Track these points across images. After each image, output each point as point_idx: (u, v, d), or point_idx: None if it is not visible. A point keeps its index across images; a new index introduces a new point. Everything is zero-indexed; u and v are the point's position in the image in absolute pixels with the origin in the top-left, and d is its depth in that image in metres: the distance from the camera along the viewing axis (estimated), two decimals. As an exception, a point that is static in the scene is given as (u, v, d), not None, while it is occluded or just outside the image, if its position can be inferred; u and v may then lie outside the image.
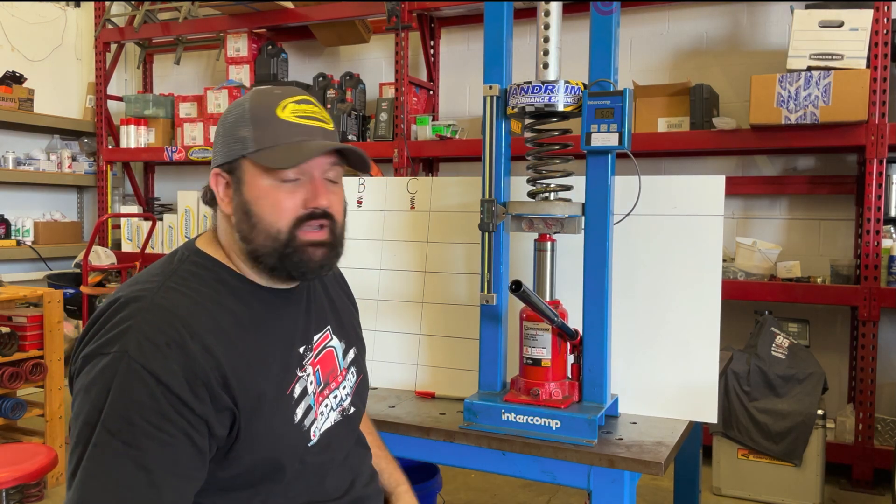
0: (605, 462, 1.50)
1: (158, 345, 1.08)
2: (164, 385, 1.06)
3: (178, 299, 1.14)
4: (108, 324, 1.11)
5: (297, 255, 1.20)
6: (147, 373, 1.06)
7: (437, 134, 4.39)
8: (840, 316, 3.92)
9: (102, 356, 1.08)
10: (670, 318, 1.77)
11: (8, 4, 5.26)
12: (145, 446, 1.04)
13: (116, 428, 1.04)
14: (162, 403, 1.06)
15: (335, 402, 1.33)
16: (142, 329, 1.08)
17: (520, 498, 3.37)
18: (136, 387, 1.05)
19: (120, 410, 1.04)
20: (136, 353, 1.06)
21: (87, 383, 1.08)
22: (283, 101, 1.21)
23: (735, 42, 4.12)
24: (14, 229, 5.14)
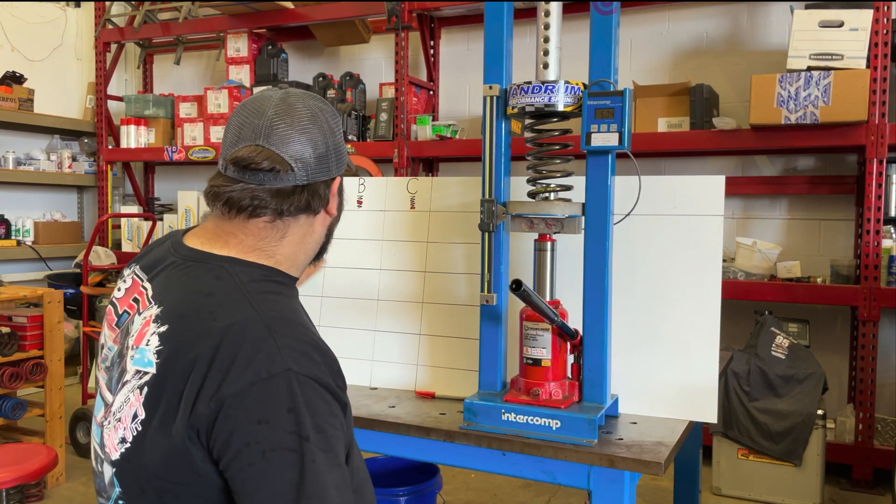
0: (605, 462, 1.50)
1: (305, 352, 1.10)
2: (324, 386, 1.10)
3: (280, 305, 1.16)
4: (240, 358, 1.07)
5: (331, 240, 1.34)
6: (313, 380, 1.08)
7: (437, 134, 4.39)
8: (840, 316, 3.92)
9: (262, 382, 1.05)
10: (670, 317, 1.77)
11: (8, 4, 5.26)
12: (335, 446, 1.09)
13: (316, 439, 1.06)
14: (331, 404, 1.10)
15: None
16: (285, 344, 1.09)
17: (520, 498, 3.37)
18: (312, 397, 1.07)
19: (312, 423, 1.06)
20: (297, 366, 1.07)
21: (259, 415, 1.05)
22: None
23: (735, 42, 4.12)
24: (14, 229, 5.14)
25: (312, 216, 1.25)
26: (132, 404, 1.12)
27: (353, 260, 2.12)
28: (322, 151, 1.21)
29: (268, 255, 1.23)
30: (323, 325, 2.12)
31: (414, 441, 1.70)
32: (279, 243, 1.23)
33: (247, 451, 1.03)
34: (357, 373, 2.06)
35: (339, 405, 1.13)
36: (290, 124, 1.19)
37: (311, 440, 1.04)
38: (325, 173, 1.23)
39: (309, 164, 1.20)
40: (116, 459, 1.14)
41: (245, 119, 1.20)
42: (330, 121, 1.24)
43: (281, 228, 1.23)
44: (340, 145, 1.26)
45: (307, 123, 1.20)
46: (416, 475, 2.52)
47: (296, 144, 1.19)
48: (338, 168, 1.25)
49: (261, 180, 1.17)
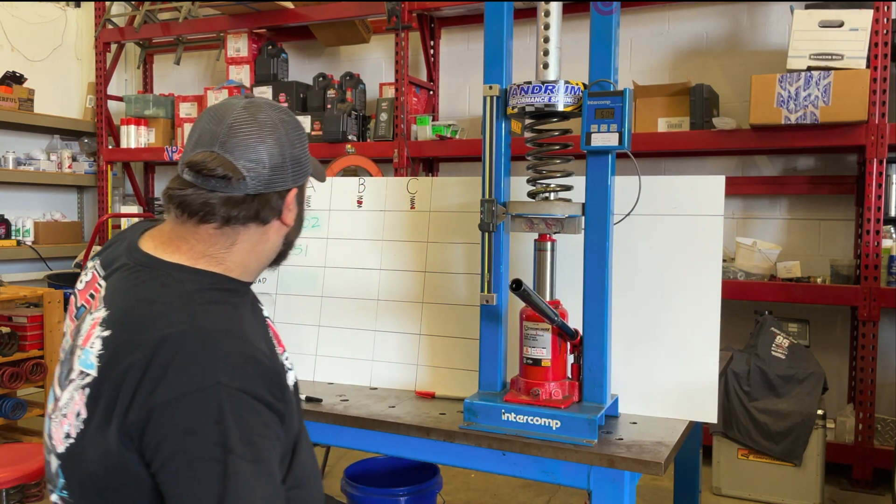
0: (605, 462, 1.50)
1: (239, 365, 1.12)
2: (257, 399, 1.12)
3: (220, 317, 1.17)
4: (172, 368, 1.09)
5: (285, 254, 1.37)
6: (244, 394, 1.10)
7: (437, 134, 4.39)
8: (840, 316, 3.92)
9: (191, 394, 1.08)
10: (670, 317, 1.77)
11: (8, 4, 5.26)
12: (266, 457, 1.12)
13: (243, 451, 1.08)
14: (262, 415, 1.12)
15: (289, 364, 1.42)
16: (219, 357, 1.11)
17: (520, 498, 3.37)
18: (241, 410, 1.09)
19: (240, 436, 1.08)
20: (228, 380, 1.09)
21: (187, 425, 1.07)
22: None
23: (735, 42, 4.12)
24: (14, 229, 5.14)
25: (262, 225, 1.26)
26: (76, 402, 1.16)
27: (353, 260, 2.12)
28: (277, 162, 1.23)
29: (217, 261, 1.25)
30: (323, 325, 2.12)
31: (414, 441, 1.70)
32: (229, 250, 1.25)
33: (173, 461, 1.07)
34: (357, 373, 2.06)
35: (276, 415, 1.15)
36: (248, 133, 1.21)
37: (236, 452, 1.07)
38: (279, 184, 1.24)
39: (262, 174, 1.22)
40: (62, 452, 1.19)
41: (206, 125, 1.23)
42: (290, 132, 1.26)
43: (230, 236, 1.24)
44: (301, 157, 1.28)
45: (265, 133, 1.23)
46: (416, 475, 2.52)
47: (251, 153, 1.21)
48: (295, 179, 1.27)
49: (213, 186, 1.20)
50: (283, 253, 1.36)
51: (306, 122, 4.70)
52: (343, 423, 1.77)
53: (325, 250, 2.16)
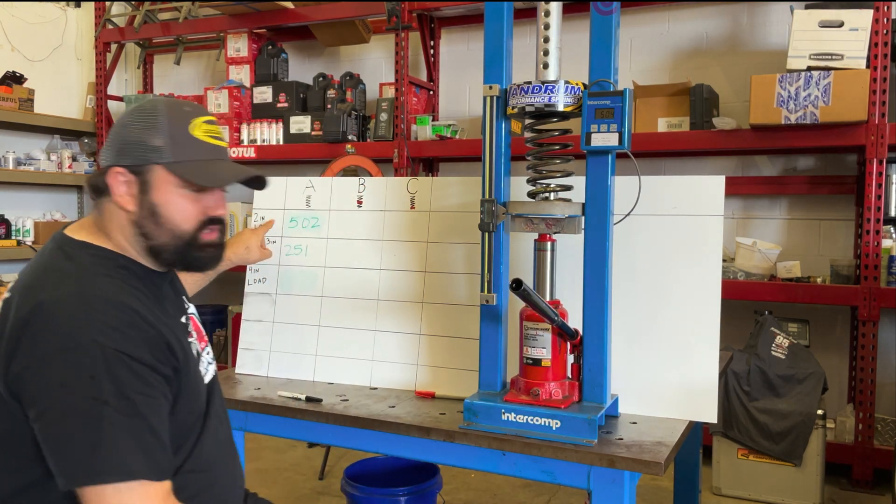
0: (605, 462, 1.50)
1: (118, 328, 1.23)
2: (137, 360, 1.22)
3: (107, 286, 1.29)
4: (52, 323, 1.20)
5: (196, 252, 1.41)
6: (121, 353, 1.21)
7: (437, 134, 4.39)
8: (840, 316, 3.92)
9: (67, 351, 1.18)
10: (670, 317, 1.77)
11: (8, 4, 5.26)
12: (146, 412, 1.21)
13: (118, 405, 1.18)
14: (141, 373, 1.22)
15: (209, 358, 1.54)
16: (97, 318, 1.22)
17: (520, 498, 3.37)
18: (117, 367, 1.20)
19: (114, 390, 1.18)
20: (105, 340, 1.20)
21: (62, 379, 1.18)
22: (194, 119, 1.39)
23: (735, 42, 4.12)
24: (14, 229, 5.14)
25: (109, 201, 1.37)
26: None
27: (353, 260, 2.12)
28: (107, 141, 1.38)
29: (107, 238, 1.39)
30: (323, 325, 2.12)
31: (414, 441, 1.70)
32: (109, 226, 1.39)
33: (49, 413, 1.18)
34: (357, 373, 2.06)
35: (163, 377, 1.27)
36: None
37: (110, 405, 1.17)
38: (105, 159, 1.38)
39: (108, 148, 1.38)
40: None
41: None
42: (130, 118, 1.37)
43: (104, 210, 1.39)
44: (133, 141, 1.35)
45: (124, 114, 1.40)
46: (416, 475, 2.52)
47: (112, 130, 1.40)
48: (117, 159, 1.36)
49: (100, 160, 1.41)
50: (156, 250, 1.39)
51: (306, 121, 4.71)
52: (343, 423, 1.77)
53: (325, 250, 2.16)
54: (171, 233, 1.37)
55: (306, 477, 3.61)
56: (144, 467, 1.18)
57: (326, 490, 3.46)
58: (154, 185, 1.35)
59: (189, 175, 1.36)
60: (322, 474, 3.60)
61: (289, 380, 2.11)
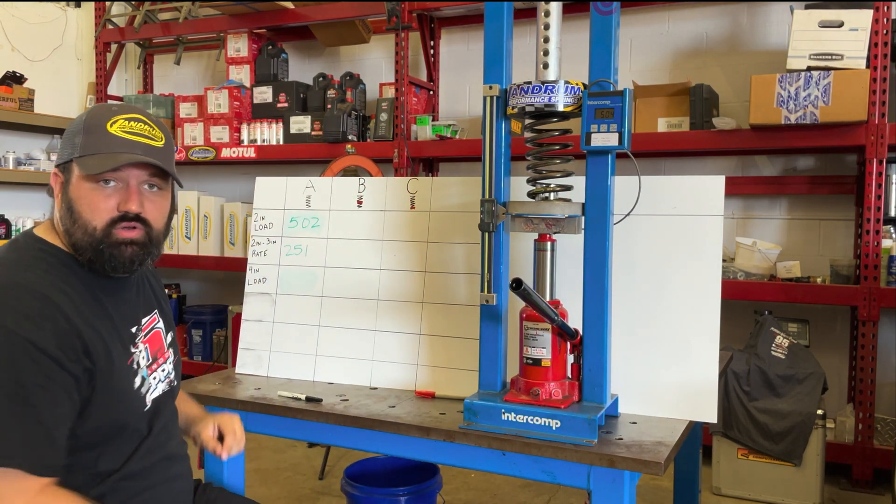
0: (605, 462, 1.50)
1: (31, 317, 1.26)
2: (42, 351, 1.24)
3: (34, 279, 1.32)
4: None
5: (109, 250, 1.39)
6: (27, 342, 1.23)
7: (437, 134, 4.39)
8: (840, 316, 3.92)
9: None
10: (670, 317, 1.77)
11: (8, 4, 5.26)
12: (38, 404, 1.23)
13: (11, 391, 1.21)
14: (43, 365, 1.24)
15: (163, 374, 1.55)
16: (12, 305, 1.26)
17: (520, 498, 3.37)
18: (20, 355, 1.23)
19: (9, 376, 1.21)
20: (15, 326, 1.24)
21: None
22: (115, 116, 1.41)
23: (735, 42, 4.12)
24: (14, 229, 5.14)
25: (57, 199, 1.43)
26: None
27: (353, 260, 2.12)
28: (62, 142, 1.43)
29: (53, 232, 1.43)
30: (323, 325, 2.12)
31: (414, 441, 1.70)
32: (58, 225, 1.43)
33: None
34: (357, 373, 2.06)
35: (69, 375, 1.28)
36: None
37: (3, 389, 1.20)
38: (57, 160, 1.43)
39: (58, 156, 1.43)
40: None
41: None
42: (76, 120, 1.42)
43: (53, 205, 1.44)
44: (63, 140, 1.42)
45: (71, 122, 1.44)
46: (416, 475, 2.52)
47: None
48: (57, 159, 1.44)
49: None
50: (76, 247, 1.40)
51: (306, 122, 4.71)
52: (343, 423, 1.77)
53: (325, 250, 2.16)
54: (84, 229, 1.38)
55: (306, 477, 3.61)
56: (21, 457, 1.20)
57: (326, 490, 3.46)
58: (70, 181, 1.39)
59: (87, 166, 1.37)
60: (322, 474, 3.60)
61: (289, 380, 2.11)
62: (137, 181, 1.41)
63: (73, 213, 1.38)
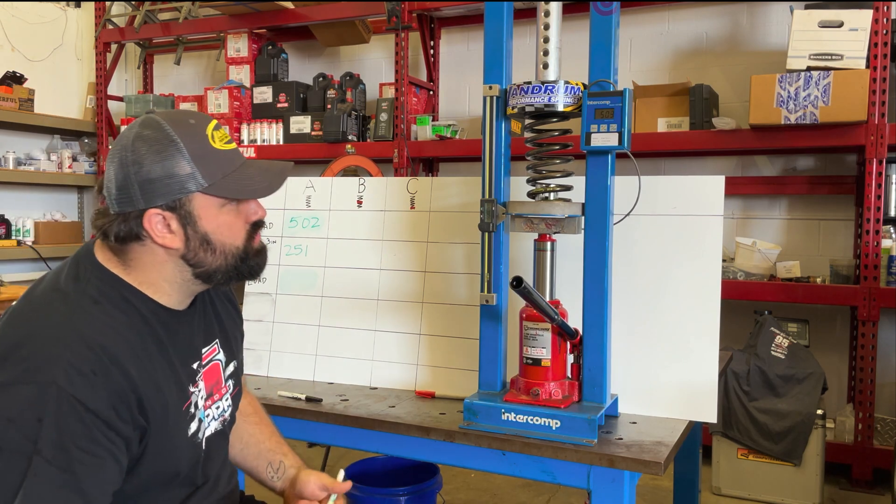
0: (605, 462, 1.50)
1: (84, 373, 1.13)
2: (92, 412, 1.12)
3: (95, 324, 1.18)
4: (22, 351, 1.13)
5: (251, 261, 1.33)
6: (77, 402, 1.11)
7: (437, 134, 4.39)
8: (840, 316, 3.93)
9: (24, 384, 1.11)
10: (670, 318, 1.77)
11: (8, 4, 5.26)
12: (80, 471, 1.11)
13: (52, 456, 1.09)
14: (92, 429, 1.12)
15: (217, 412, 1.42)
16: (66, 358, 1.12)
17: (520, 498, 3.37)
18: (68, 416, 1.10)
19: (55, 439, 1.09)
20: (66, 383, 1.11)
21: (10, 413, 1.10)
22: (206, 130, 1.27)
23: (735, 42, 4.12)
24: (14, 229, 5.14)
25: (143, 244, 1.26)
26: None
27: (353, 260, 2.12)
28: (121, 183, 1.22)
29: (127, 272, 1.27)
30: (323, 325, 2.12)
31: (414, 441, 1.71)
32: (129, 264, 1.28)
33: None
34: (357, 373, 2.06)
35: (118, 436, 1.16)
36: (111, 152, 1.26)
37: (42, 454, 1.09)
38: (127, 205, 1.23)
39: (112, 193, 1.24)
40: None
41: None
42: (140, 151, 1.22)
43: (121, 251, 1.27)
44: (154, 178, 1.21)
45: (114, 153, 1.25)
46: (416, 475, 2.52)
47: (107, 172, 1.25)
48: (147, 201, 1.22)
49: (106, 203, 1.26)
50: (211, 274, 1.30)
51: (306, 122, 4.71)
52: (343, 423, 1.77)
53: (325, 250, 2.16)
54: (225, 254, 1.29)
55: (306, 477, 3.61)
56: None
57: (326, 490, 3.46)
58: (198, 215, 1.25)
59: (229, 192, 1.26)
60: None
61: (289, 380, 2.11)
62: None
63: (212, 245, 1.27)
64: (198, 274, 1.29)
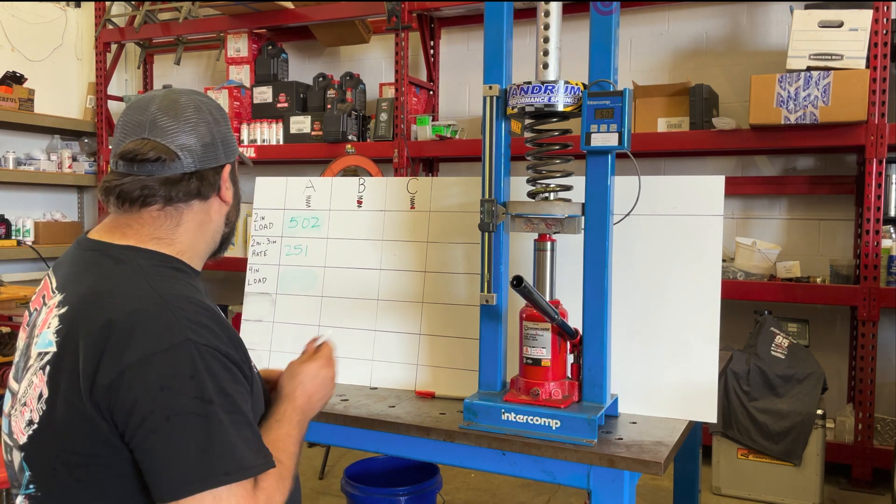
0: (605, 462, 1.50)
1: (205, 324, 1.15)
2: (226, 356, 1.15)
3: (178, 287, 1.20)
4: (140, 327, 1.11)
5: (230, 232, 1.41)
6: (214, 349, 1.13)
7: (437, 134, 4.39)
8: (840, 316, 3.93)
9: (161, 353, 1.10)
10: (670, 318, 1.77)
11: (8, 4, 5.26)
12: (244, 408, 1.15)
13: (221, 403, 1.11)
14: (233, 371, 1.16)
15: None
16: (183, 315, 1.14)
17: (520, 498, 3.37)
18: (212, 364, 1.12)
19: (215, 388, 1.11)
20: (197, 336, 1.12)
21: (161, 382, 1.08)
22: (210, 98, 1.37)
23: (735, 42, 4.12)
24: (14, 229, 5.14)
25: (204, 202, 1.31)
26: (36, 386, 1.16)
27: (353, 260, 2.12)
28: (208, 140, 1.29)
29: (167, 243, 1.28)
30: (323, 325, 2.12)
31: (414, 441, 1.71)
32: (175, 231, 1.29)
33: (151, 419, 1.07)
34: (357, 373, 2.06)
35: (244, 375, 1.19)
36: (174, 117, 1.26)
37: (215, 403, 1.10)
38: (213, 160, 1.29)
39: (195, 151, 1.27)
40: (24, 443, 1.18)
41: (130, 117, 1.27)
42: (214, 112, 1.32)
43: (174, 216, 1.28)
44: (227, 135, 1.34)
45: (190, 114, 1.27)
46: (416, 475, 2.52)
47: (181, 134, 1.26)
48: (227, 156, 1.33)
49: (149, 171, 1.24)
50: (227, 237, 1.40)
51: (306, 122, 4.71)
52: (343, 423, 1.77)
53: (325, 250, 2.16)
54: (235, 220, 1.40)
55: (306, 477, 3.61)
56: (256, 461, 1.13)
57: (326, 490, 3.46)
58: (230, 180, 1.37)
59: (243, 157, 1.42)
60: (322, 474, 3.61)
61: (289, 380, 2.10)
62: None
63: (237, 207, 1.40)
64: (225, 235, 1.38)
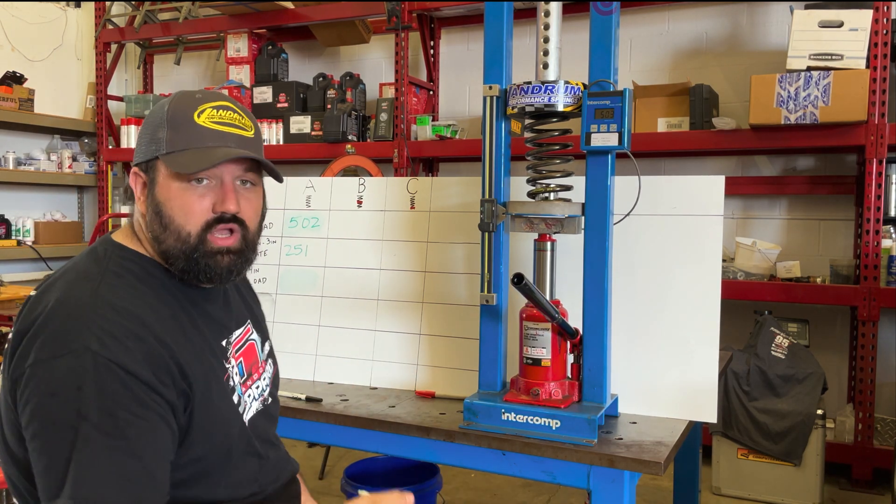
0: (605, 462, 1.50)
1: (117, 337, 1.10)
2: (132, 374, 1.09)
3: (121, 293, 1.17)
4: (53, 325, 1.11)
5: (204, 260, 1.24)
6: (115, 364, 1.08)
7: (437, 134, 4.39)
8: (840, 316, 3.93)
9: (59, 357, 1.08)
10: (670, 317, 1.77)
11: (8, 4, 5.26)
12: (131, 434, 1.08)
13: (99, 421, 1.06)
14: (136, 391, 1.09)
15: (257, 392, 1.39)
16: (97, 324, 1.10)
17: (520, 498, 3.37)
18: (107, 380, 1.07)
19: (99, 405, 1.06)
20: (100, 348, 1.08)
21: (51, 387, 1.07)
22: (201, 105, 1.24)
23: (735, 42, 4.12)
24: (14, 229, 5.14)
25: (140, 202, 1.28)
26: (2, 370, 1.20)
27: (353, 260, 2.12)
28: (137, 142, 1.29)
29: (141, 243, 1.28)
30: (323, 325, 2.12)
31: (414, 441, 1.71)
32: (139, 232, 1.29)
33: (34, 422, 1.08)
34: (357, 373, 2.06)
35: (160, 398, 1.12)
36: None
37: (90, 420, 1.05)
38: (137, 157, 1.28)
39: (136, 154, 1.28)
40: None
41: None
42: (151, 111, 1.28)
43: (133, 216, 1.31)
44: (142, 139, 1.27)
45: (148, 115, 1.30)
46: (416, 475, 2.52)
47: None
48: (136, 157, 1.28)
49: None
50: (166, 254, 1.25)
51: (306, 122, 4.71)
52: (343, 423, 1.77)
53: (325, 250, 2.16)
54: (177, 235, 1.22)
55: (306, 477, 3.60)
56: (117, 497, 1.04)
57: (326, 490, 3.46)
58: (157, 181, 1.23)
59: (177, 164, 1.21)
60: (322, 474, 3.61)
61: (289, 380, 2.10)
62: (232, 177, 1.25)
63: (162, 218, 1.22)
64: (160, 252, 1.25)
